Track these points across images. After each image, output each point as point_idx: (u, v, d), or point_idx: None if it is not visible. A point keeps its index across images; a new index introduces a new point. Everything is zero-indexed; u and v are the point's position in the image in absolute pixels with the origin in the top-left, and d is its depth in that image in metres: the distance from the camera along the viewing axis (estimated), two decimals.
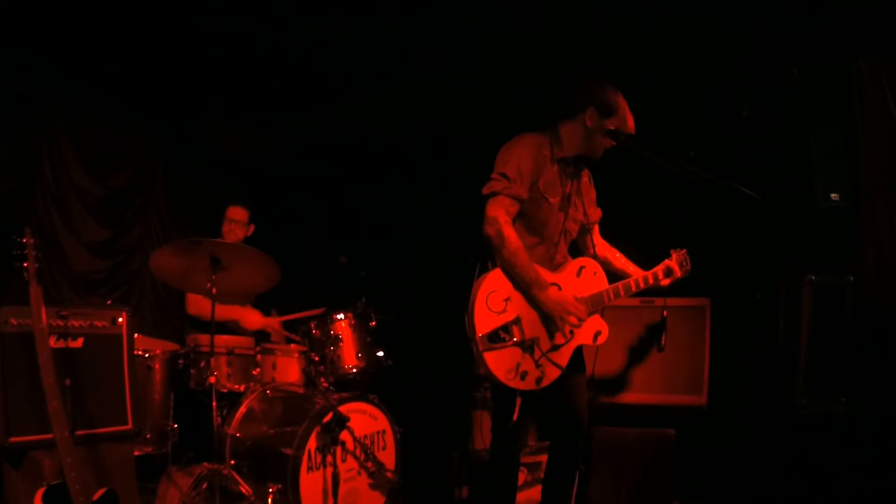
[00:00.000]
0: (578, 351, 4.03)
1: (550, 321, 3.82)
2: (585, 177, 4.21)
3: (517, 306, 3.78)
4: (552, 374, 3.84)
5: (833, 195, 5.09)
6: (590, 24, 5.64)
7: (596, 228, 4.28)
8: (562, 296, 3.83)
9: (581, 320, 3.85)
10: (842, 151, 5.14)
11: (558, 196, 3.97)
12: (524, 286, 3.78)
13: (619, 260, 4.31)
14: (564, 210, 4.02)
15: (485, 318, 3.68)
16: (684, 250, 4.27)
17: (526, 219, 3.92)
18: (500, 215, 3.77)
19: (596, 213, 4.29)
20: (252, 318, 5.77)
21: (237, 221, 5.80)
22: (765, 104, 5.56)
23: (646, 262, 4.21)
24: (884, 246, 5.07)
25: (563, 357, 3.89)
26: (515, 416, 3.81)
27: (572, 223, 4.08)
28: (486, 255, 3.85)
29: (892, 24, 5.05)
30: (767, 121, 5.55)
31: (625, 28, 5.59)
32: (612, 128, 3.90)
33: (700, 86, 5.85)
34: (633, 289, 4.09)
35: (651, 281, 4.16)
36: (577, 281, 4.00)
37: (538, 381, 3.79)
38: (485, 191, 3.86)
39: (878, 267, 5.08)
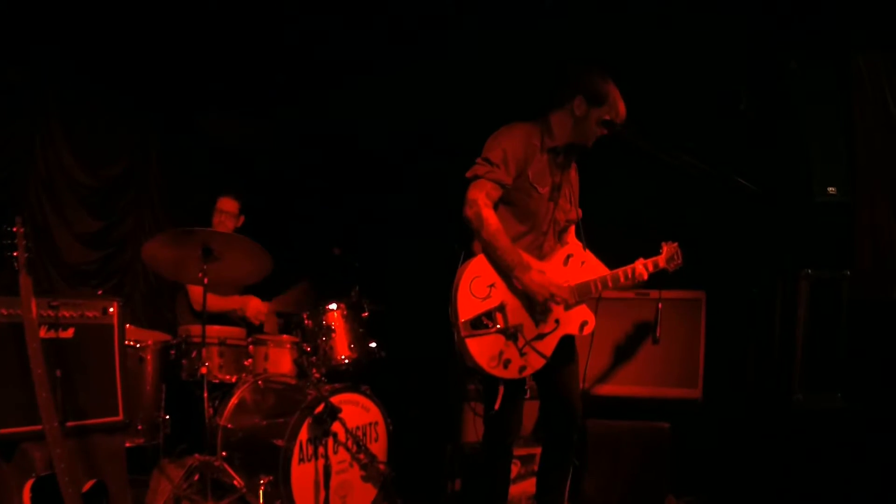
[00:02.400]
0: (568, 341, 4.01)
1: (535, 307, 3.80)
2: (574, 171, 4.19)
3: (501, 293, 3.76)
4: (536, 362, 3.82)
5: (830, 189, 5.08)
6: (588, 18, 5.62)
7: (573, 228, 4.21)
8: (546, 278, 3.80)
9: (567, 303, 3.84)
10: (839, 146, 5.14)
11: (548, 186, 3.96)
12: (506, 269, 3.75)
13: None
14: (554, 200, 4.00)
15: (468, 304, 3.68)
16: (676, 244, 4.22)
17: (515, 208, 3.91)
18: (480, 198, 3.75)
19: (578, 213, 4.23)
20: (253, 305, 5.75)
21: (227, 212, 5.78)
22: (763, 99, 5.54)
23: (642, 255, 4.17)
24: (880, 241, 5.08)
25: (548, 346, 3.87)
26: (497, 405, 3.77)
27: (561, 213, 4.06)
28: (471, 241, 3.85)
29: (892, 21, 5.03)
30: (765, 115, 5.53)
31: (623, 22, 5.56)
32: (606, 117, 3.87)
33: (698, 80, 5.82)
34: (622, 280, 4.02)
35: (641, 272, 4.08)
36: (564, 269, 3.97)
37: (521, 369, 3.77)
38: (468, 174, 3.85)
39: (874, 261, 5.08)
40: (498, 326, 3.70)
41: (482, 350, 3.67)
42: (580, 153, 4.09)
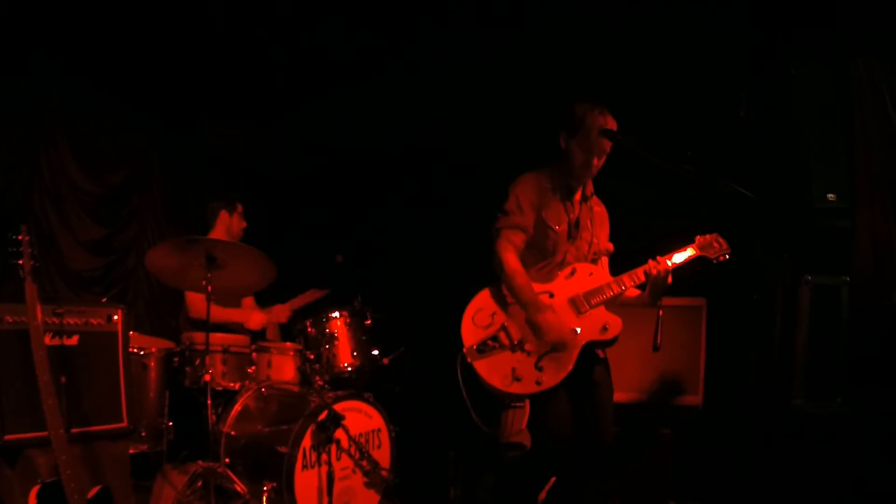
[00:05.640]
0: (599, 361, 4.03)
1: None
2: (598, 206, 4.27)
3: (504, 318, 3.88)
4: (556, 375, 3.80)
5: (830, 195, 5.09)
6: (588, 25, 5.64)
7: (604, 260, 4.27)
8: (557, 322, 3.82)
9: (567, 346, 3.82)
10: (839, 152, 5.14)
11: (564, 224, 4.04)
12: (522, 306, 3.85)
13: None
14: (573, 237, 4.09)
15: (471, 333, 3.82)
16: (715, 234, 4.14)
17: (534, 247, 4.02)
18: (501, 245, 3.93)
19: (607, 245, 4.30)
20: (256, 318, 5.77)
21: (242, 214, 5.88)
22: (762, 104, 5.56)
23: (638, 262, 4.17)
24: (880, 246, 5.06)
25: (569, 357, 3.83)
26: (525, 423, 3.82)
27: (585, 245, 4.14)
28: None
29: (891, 26, 5.04)
30: (765, 121, 5.54)
31: (623, 29, 5.59)
32: (605, 127, 3.90)
33: (697, 86, 5.84)
34: (642, 278, 3.98)
35: (665, 265, 3.98)
36: (568, 282, 4.00)
37: (537, 383, 3.78)
38: (492, 230, 4.02)
39: (874, 267, 5.08)
40: (504, 344, 3.78)
41: (492, 370, 3.76)
42: (587, 181, 4.16)
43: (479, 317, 3.85)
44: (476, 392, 3.82)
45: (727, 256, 4.13)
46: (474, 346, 3.76)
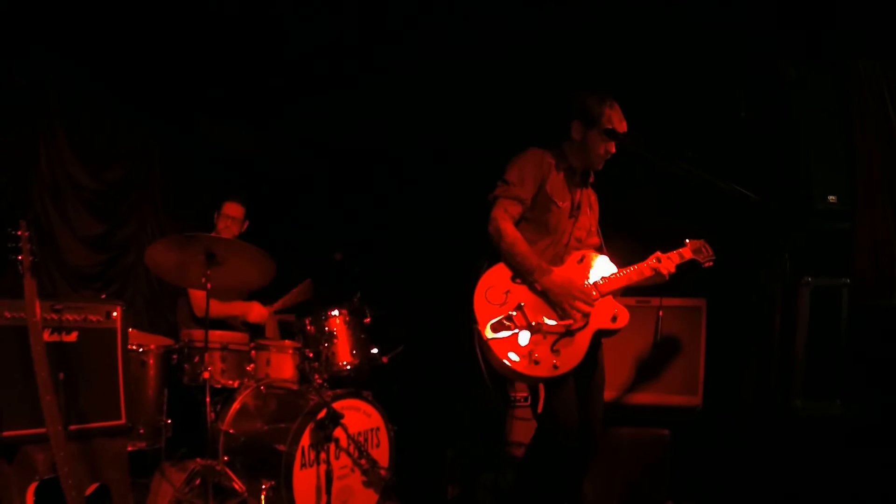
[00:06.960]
0: (598, 348, 4.05)
1: (558, 306, 3.84)
2: (593, 195, 4.31)
3: (518, 296, 3.84)
4: (570, 361, 3.82)
5: (830, 197, 5.08)
6: (590, 25, 5.64)
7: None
8: (567, 279, 3.85)
9: (589, 305, 3.87)
10: (840, 153, 5.14)
11: (567, 201, 4.06)
12: (526, 274, 3.84)
13: None
14: (575, 217, 4.11)
15: (485, 311, 3.76)
16: (702, 240, 4.26)
17: (535, 222, 4.03)
18: (499, 214, 3.91)
19: (598, 239, 4.32)
20: (256, 311, 5.78)
21: (233, 218, 5.82)
22: (763, 105, 5.55)
23: (636, 261, 4.18)
24: (880, 248, 5.06)
25: (582, 343, 3.87)
26: (540, 408, 3.81)
27: (583, 231, 4.16)
28: (489, 256, 3.93)
29: (892, 28, 5.04)
30: (766, 122, 5.54)
31: (624, 28, 5.58)
32: (608, 126, 3.93)
33: (699, 86, 5.84)
34: (647, 272, 4.06)
35: (668, 264, 4.09)
36: (579, 268, 4.01)
37: (554, 367, 3.78)
38: (489, 197, 4.01)
39: (874, 269, 5.07)
40: (520, 325, 3.76)
41: (509, 350, 3.72)
42: (594, 174, 4.21)
43: (492, 293, 3.80)
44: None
45: (712, 262, 4.27)
46: (491, 325, 3.73)
